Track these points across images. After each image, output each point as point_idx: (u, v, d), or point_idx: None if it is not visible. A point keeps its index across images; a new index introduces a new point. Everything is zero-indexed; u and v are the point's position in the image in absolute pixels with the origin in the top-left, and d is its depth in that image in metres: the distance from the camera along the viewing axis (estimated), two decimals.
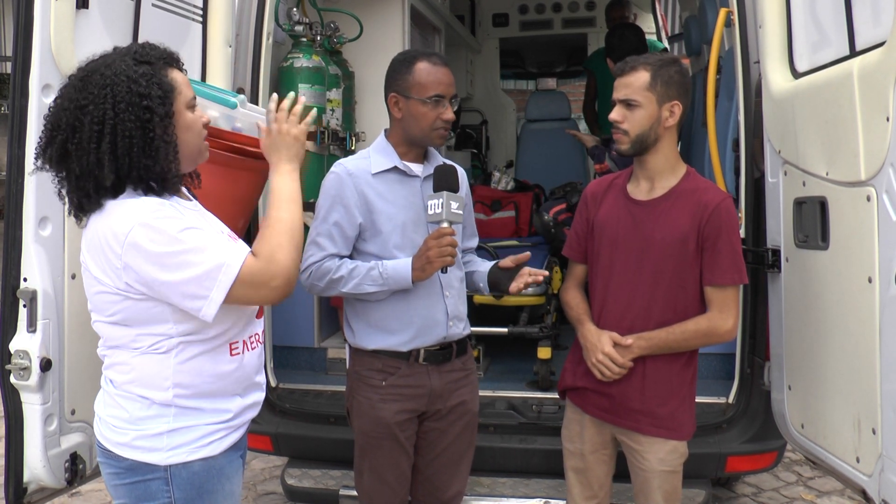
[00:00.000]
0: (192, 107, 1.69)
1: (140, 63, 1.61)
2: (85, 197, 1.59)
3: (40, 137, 1.62)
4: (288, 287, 1.65)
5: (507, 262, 2.34)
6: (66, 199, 1.64)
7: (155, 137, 1.59)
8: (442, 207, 2.15)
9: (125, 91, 1.57)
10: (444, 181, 2.19)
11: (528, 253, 2.35)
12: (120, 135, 1.56)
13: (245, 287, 1.60)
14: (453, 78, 2.28)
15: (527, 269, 2.32)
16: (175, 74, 1.66)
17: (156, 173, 1.60)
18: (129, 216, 1.56)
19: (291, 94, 1.90)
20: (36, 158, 1.63)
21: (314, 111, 1.98)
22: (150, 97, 1.58)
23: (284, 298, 1.67)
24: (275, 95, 1.92)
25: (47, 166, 1.62)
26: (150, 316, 1.61)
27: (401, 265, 2.21)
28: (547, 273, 2.38)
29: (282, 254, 1.63)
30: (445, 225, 2.16)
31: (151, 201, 1.60)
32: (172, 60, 1.68)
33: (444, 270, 2.20)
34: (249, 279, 1.60)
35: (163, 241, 1.55)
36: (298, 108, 1.87)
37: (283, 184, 1.75)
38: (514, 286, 2.31)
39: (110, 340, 1.68)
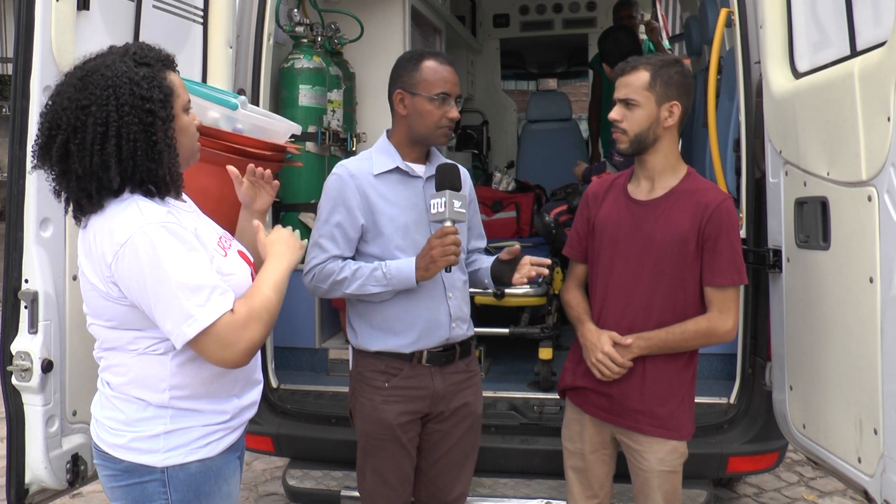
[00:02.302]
0: (187, 109, 1.69)
1: (140, 65, 1.60)
2: (86, 197, 1.58)
3: (37, 136, 1.60)
4: (247, 358, 1.62)
5: (505, 254, 2.34)
6: (63, 199, 1.63)
7: (158, 141, 1.59)
8: (445, 206, 2.15)
9: (128, 94, 1.56)
10: (446, 180, 2.19)
11: (517, 246, 2.34)
12: (125, 138, 1.55)
13: (211, 341, 1.57)
14: (458, 79, 2.28)
15: (528, 259, 2.32)
16: (173, 77, 1.66)
17: (159, 177, 1.61)
18: (130, 224, 1.55)
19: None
20: (33, 156, 1.62)
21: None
22: (152, 100, 1.58)
23: (237, 367, 1.64)
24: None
25: (46, 165, 1.60)
26: (144, 320, 1.61)
27: (404, 265, 2.21)
28: (549, 262, 2.37)
29: (255, 326, 1.61)
30: (448, 224, 2.16)
31: (154, 210, 1.59)
32: (170, 62, 1.68)
33: (447, 270, 2.20)
34: (220, 334, 1.57)
35: (152, 263, 1.54)
36: None
37: (279, 268, 1.74)
38: (516, 277, 2.31)
39: (106, 342, 1.68)
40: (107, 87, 1.56)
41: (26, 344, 2.08)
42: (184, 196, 1.79)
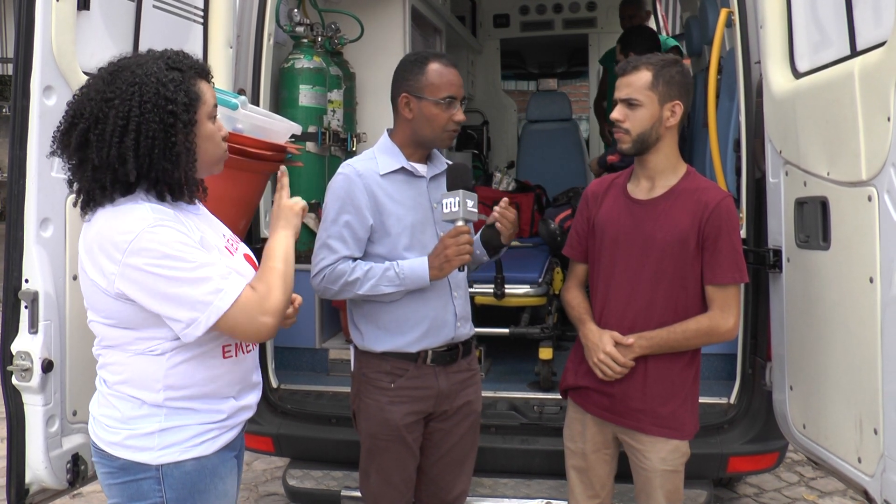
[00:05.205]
0: (213, 117, 1.70)
1: (171, 69, 1.62)
2: (99, 188, 1.60)
3: (60, 122, 1.63)
4: (276, 324, 1.66)
5: (492, 220, 2.31)
6: (75, 188, 1.64)
7: (177, 143, 1.60)
8: (459, 206, 2.13)
9: (153, 93, 1.58)
10: (459, 180, 2.18)
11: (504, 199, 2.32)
12: (143, 134, 1.57)
13: (239, 314, 1.60)
14: (462, 80, 2.28)
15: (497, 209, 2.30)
16: (202, 85, 1.68)
17: (175, 178, 1.62)
18: (136, 223, 1.57)
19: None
20: (53, 141, 1.64)
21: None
22: (175, 102, 1.60)
23: (269, 338, 1.70)
24: (284, 168, 1.97)
25: (64, 153, 1.62)
26: (146, 320, 1.61)
27: (417, 264, 2.20)
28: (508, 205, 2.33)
29: (276, 294, 1.66)
30: (461, 223, 2.15)
31: (158, 209, 1.60)
32: (203, 72, 1.70)
33: (461, 269, 2.20)
34: (245, 307, 1.61)
35: (164, 256, 1.55)
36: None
37: (279, 243, 1.78)
38: (504, 235, 2.30)
39: (106, 340, 1.69)
40: (133, 84, 1.58)
41: (26, 344, 2.08)
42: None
